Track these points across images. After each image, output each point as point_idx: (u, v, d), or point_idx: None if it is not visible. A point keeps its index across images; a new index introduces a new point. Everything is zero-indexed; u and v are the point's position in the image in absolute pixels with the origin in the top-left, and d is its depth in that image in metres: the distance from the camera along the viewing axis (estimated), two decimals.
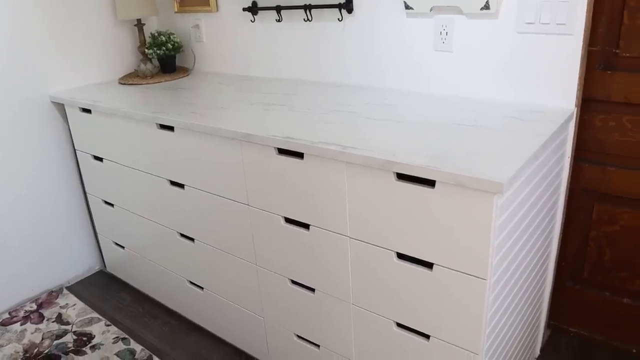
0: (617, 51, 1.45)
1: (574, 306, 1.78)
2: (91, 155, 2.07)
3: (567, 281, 1.76)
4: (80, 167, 2.19)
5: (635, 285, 1.65)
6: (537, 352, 1.75)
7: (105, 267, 2.41)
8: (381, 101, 1.60)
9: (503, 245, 1.14)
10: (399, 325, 1.31)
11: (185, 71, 2.28)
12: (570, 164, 1.54)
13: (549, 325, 1.83)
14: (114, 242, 2.22)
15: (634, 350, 1.71)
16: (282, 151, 1.36)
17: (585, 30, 1.37)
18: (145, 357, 1.85)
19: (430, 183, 1.11)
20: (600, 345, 1.76)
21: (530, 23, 1.43)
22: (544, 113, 1.40)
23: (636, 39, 1.41)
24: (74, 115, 2.05)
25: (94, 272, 2.40)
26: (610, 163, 1.56)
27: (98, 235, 2.32)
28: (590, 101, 1.52)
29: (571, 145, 1.51)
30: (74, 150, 2.19)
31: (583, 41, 1.38)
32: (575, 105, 1.44)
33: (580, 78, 1.42)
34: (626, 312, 1.68)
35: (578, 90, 1.43)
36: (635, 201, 1.55)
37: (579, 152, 1.58)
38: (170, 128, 1.64)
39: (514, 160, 1.09)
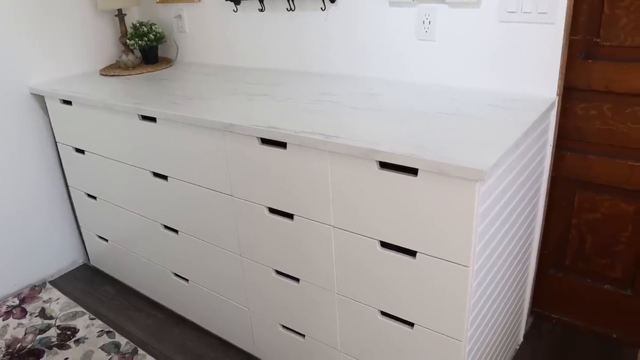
0: (597, 40, 1.46)
1: (556, 293, 1.81)
2: (72, 147, 2.04)
3: (550, 268, 1.79)
4: (62, 159, 2.16)
5: (615, 271, 1.67)
6: (521, 338, 1.77)
7: (89, 260, 2.39)
8: (365, 90, 1.60)
9: (485, 232, 1.14)
10: (383, 313, 1.31)
11: (167, 62, 2.26)
12: (552, 152, 1.55)
13: (531, 312, 1.85)
14: (97, 235, 2.20)
15: (615, 336, 1.74)
16: (265, 141, 1.35)
17: (566, 19, 1.38)
18: (130, 350, 1.84)
19: (413, 171, 1.11)
20: (582, 331, 1.79)
21: (512, 12, 1.44)
22: (526, 102, 1.41)
23: (616, 28, 1.42)
24: (54, 107, 2.02)
25: (77, 265, 2.37)
26: (592, 151, 1.58)
27: (81, 228, 2.30)
28: (571, 90, 1.53)
29: (553, 133, 1.52)
30: (55, 142, 2.16)
31: (564, 30, 1.39)
32: (557, 94, 1.45)
33: (561, 67, 1.43)
34: (607, 299, 1.71)
35: (560, 79, 1.43)
36: (616, 189, 1.57)
37: (560, 140, 1.60)
38: (152, 119, 1.62)
39: (495, 148, 1.09)
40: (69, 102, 1.92)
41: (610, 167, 1.56)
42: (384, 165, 1.15)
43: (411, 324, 1.27)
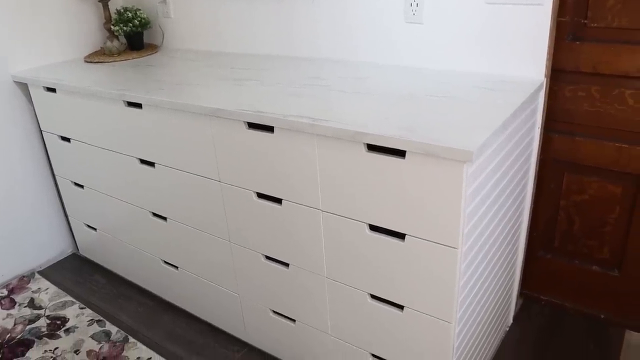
0: (585, 22, 1.46)
1: (545, 275, 1.82)
2: (58, 135, 2.01)
3: (539, 250, 1.80)
4: (48, 148, 2.13)
5: (603, 253, 1.68)
6: (510, 320, 1.78)
7: (77, 250, 2.37)
8: (353, 74, 1.59)
9: (474, 214, 1.14)
10: (373, 297, 1.32)
11: (153, 48, 2.23)
12: (540, 134, 1.55)
13: (521, 294, 1.87)
14: (85, 224, 2.18)
15: (602, 316, 1.76)
16: (252, 126, 1.34)
17: (554, 1, 1.37)
18: (121, 339, 1.83)
19: (401, 153, 1.10)
20: (571, 312, 1.80)
21: None
22: (514, 83, 1.40)
23: (604, 10, 1.42)
24: (38, 95, 1.98)
25: (66, 255, 2.36)
26: (580, 133, 1.58)
27: (69, 217, 2.27)
28: (560, 72, 1.53)
29: (541, 115, 1.52)
30: (40, 131, 2.13)
31: (552, 12, 1.38)
32: (545, 76, 1.45)
33: (549, 48, 1.42)
34: (595, 280, 1.73)
35: (547, 60, 1.43)
36: (604, 171, 1.58)
37: (549, 122, 1.60)
38: (138, 105, 1.60)
39: (483, 129, 1.09)
40: (53, 90, 1.89)
41: (598, 149, 1.57)
42: (371, 147, 1.15)
43: (401, 307, 1.27)
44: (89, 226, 2.17)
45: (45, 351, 1.79)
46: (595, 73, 1.49)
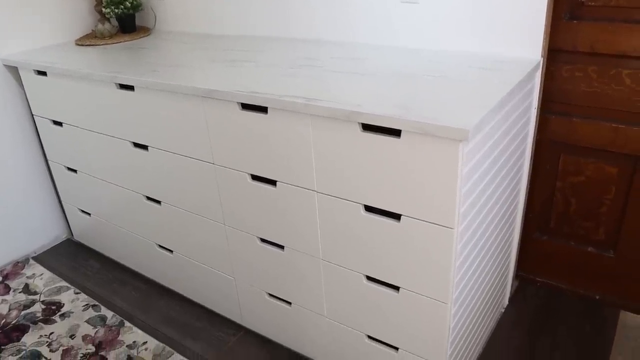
0: (582, 0, 1.44)
1: (541, 256, 1.82)
2: (50, 120, 1.99)
3: (534, 232, 1.80)
4: (39, 132, 2.10)
5: (599, 234, 1.68)
6: (506, 302, 1.79)
7: (72, 235, 2.35)
8: (348, 55, 1.57)
9: (470, 193, 1.14)
10: (369, 278, 1.31)
11: (146, 31, 2.19)
12: (537, 115, 1.54)
13: (516, 276, 1.87)
14: (79, 209, 2.16)
15: (598, 297, 1.76)
16: (245, 107, 1.32)
17: None
18: (116, 323, 1.83)
19: (396, 133, 1.09)
20: (566, 294, 1.81)
21: None
22: (511, 63, 1.39)
23: None
24: (28, 78, 1.96)
25: (60, 241, 2.34)
26: (576, 114, 1.57)
27: (63, 203, 2.26)
28: (557, 52, 1.51)
29: (538, 96, 1.51)
30: (32, 115, 2.10)
31: None
32: (542, 56, 1.43)
33: (546, 28, 1.40)
34: (590, 261, 1.73)
35: (544, 40, 1.41)
36: (600, 152, 1.57)
37: (545, 103, 1.59)
38: (131, 88, 1.58)
39: (479, 108, 1.08)
40: (43, 73, 1.86)
41: (595, 130, 1.56)
42: (367, 127, 1.13)
43: (397, 288, 1.27)
44: (83, 211, 2.15)
45: (41, 336, 1.79)
46: (592, 53, 1.47)
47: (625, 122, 1.50)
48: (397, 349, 1.35)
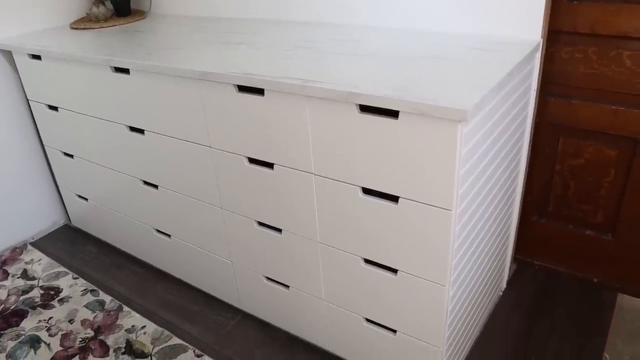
0: None
1: (539, 240, 1.82)
2: (45, 104, 1.97)
3: (533, 215, 1.79)
4: (35, 117, 2.08)
5: (597, 217, 1.68)
6: (504, 285, 1.79)
7: (69, 221, 2.35)
8: (347, 37, 1.55)
9: (469, 175, 1.13)
10: (367, 261, 1.31)
11: (141, 14, 2.17)
12: (536, 97, 1.53)
13: (515, 259, 1.87)
14: (76, 194, 2.15)
15: (595, 280, 1.76)
16: (242, 89, 1.31)
17: None
18: (115, 307, 1.83)
19: (394, 114, 1.08)
20: (564, 277, 1.81)
21: None
22: (510, 45, 1.37)
23: None
24: (23, 62, 1.93)
25: (58, 226, 2.34)
26: (576, 96, 1.56)
27: (60, 188, 2.25)
28: (556, 33, 1.50)
29: (537, 78, 1.49)
30: (27, 100, 2.08)
31: None
32: (541, 37, 1.41)
33: (546, 8, 1.39)
34: (589, 244, 1.73)
35: (544, 21, 1.39)
36: (600, 134, 1.56)
37: (545, 85, 1.57)
38: (126, 71, 1.56)
39: (478, 89, 1.07)
40: (38, 57, 1.84)
41: (595, 112, 1.54)
42: (364, 109, 1.12)
43: (394, 271, 1.26)
44: (80, 196, 2.15)
45: (40, 321, 1.79)
46: (592, 34, 1.46)
47: (625, 104, 1.49)
48: (395, 331, 1.36)
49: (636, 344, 1.54)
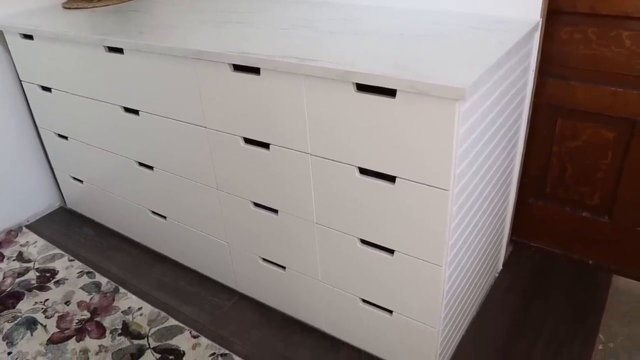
0: None
1: (535, 222, 1.82)
2: (38, 85, 1.94)
3: (530, 197, 1.79)
4: (28, 98, 2.06)
5: (594, 199, 1.68)
6: (500, 266, 1.79)
7: (65, 203, 2.34)
8: (345, 16, 1.53)
9: (466, 155, 1.12)
10: (363, 241, 1.30)
11: None
12: (534, 77, 1.51)
13: (511, 241, 1.87)
14: (71, 176, 2.14)
15: (591, 262, 1.77)
16: (237, 68, 1.29)
17: None
18: (111, 289, 1.83)
19: (392, 93, 1.07)
20: (560, 259, 1.82)
21: None
22: (509, 24, 1.35)
23: None
24: (15, 42, 1.90)
25: (54, 209, 2.33)
26: (575, 77, 1.54)
27: (54, 170, 2.23)
28: (556, 13, 1.48)
29: (536, 58, 1.48)
30: (20, 81, 2.06)
31: None
32: (541, 16, 1.39)
33: None
34: (585, 226, 1.73)
35: (543, 0, 1.38)
36: (598, 116, 1.55)
37: (543, 65, 1.56)
38: (120, 51, 1.54)
39: (476, 67, 1.05)
40: (30, 37, 1.81)
41: (593, 94, 1.53)
42: (361, 88, 1.11)
43: (391, 251, 1.26)
44: (75, 178, 2.13)
45: (36, 303, 1.79)
46: (593, 14, 1.44)
47: (624, 85, 1.48)
48: (391, 312, 1.36)
49: (630, 326, 1.55)
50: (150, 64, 1.47)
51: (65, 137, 2.00)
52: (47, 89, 1.92)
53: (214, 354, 1.54)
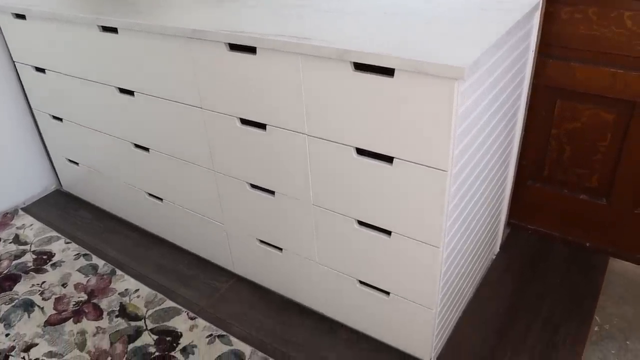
0: None
1: (533, 204, 1.82)
2: (32, 66, 1.92)
3: (528, 179, 1.78)
4: (22, 80, 2.04)
5: (592, 181, 1.67)
6: (497, 248, 1.80)
7: (61, 185, 2.33)
8: None
9: (465, 136, 1.11)
10: (360, 223, 1.30)
11: None
12: (534, 58, 1.49)
13: (508, 223, 1.87)
14: (67, 159, 2.12)
15: (588, 244, 1.77)
16: (233, 47, 1.27)
17: None
18: (108, 272, 1.82)
19: (390, 72, 1.05)
20: (557, 241, 1.82)
21: None
22: (510, 3, 1.33)
23: None
24: (7, 22, 1.87)
25: (50, 191, 2.31)
26: (575, 58, 1.53)
27: (50, 153, 2.21)
28: None
29: (536, 38, 1.46)
30: (13, 62, 2.03)
31: None
32: None
33: None
34: (582, 208, 1.73)
35: None
36: (598, 97, 1.54)
37: (543, 46, 1.54)
38: (114, 30, 1.51)
39: (476, 47, 1.04)
40: (22, 17, 1.78)
41: (593, 75, 1.52)
42: (358, 67, 1.09)
43: (388, 233, 1.26)
44: (70, 161, 2.12)
45: (33, 285, 1.79)
46: None
47: (624, 66, 1.47)
48: (388, 293, 1.36)
49: (626, 308, 1.56)
50: (145, 43, 1.44)
51: (60, 119, 1.98)
52: (41, 69, 1.89)
53: (211, 335, 1.54)
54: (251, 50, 1.24)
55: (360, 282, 1.41)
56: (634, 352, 1.42)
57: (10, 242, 2.01)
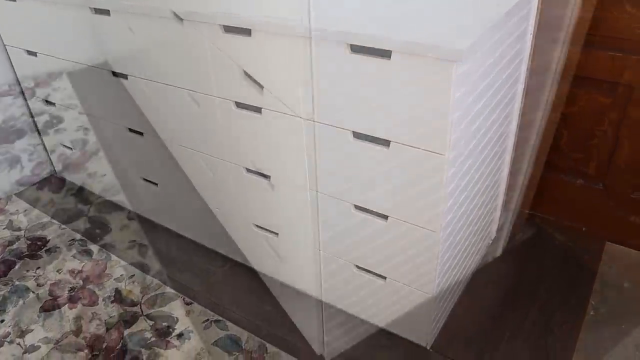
0: None
1: (529, 189, 1.81)
2: (24, 50, 1.89)
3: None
4: (13, 63, 2.00)
5: (589, 167, 1.67)
6: (494, 233, 1.79)
7: (55, 171, 2.30)
8: None
9: (462, 119, 1.10)
10: (357, 207, 1.29)
11: None
12: (532, 42, 1.48)
13: (505, 208, 1.87)
14: (61, 144, 2.10)
15: (584, 229, 1.77)
16: (228, 29, 1.25)
17: None
18: (103, 257, 1.82)
19: (387, 54, 1.04)
20: (553, 226, 1.82)
21: None
22: None
23: None
24: None
25: (43, 177, 2.29)
26: (574, 41, 1.51)
27: (43, 138, 2.19)
28: None
29: (534, 22, 1.44)
30: (4, 45, 2.00)
31: None
32: None
33: None
34: (579, 193, 1.73)
35: None
36: (596, 81, 1.53)
37: (542, 29, 1.52)
38: (106, 12, 1.49)
39: (474, 29, 1.02)
40: None
41: (592, 59, 1.51)
42: (355, 49, 1.08)
43: (385, 217, 1.25)
44: (65, 146, 2.10)
45: (27, 270, 1.78)
46: None
47: (623, 50, 1.46)
48: (385, 278, 1.36)
49: (622, 292, 1.56)
50: (139, 25, 1.42)
51: (53, 104, 1.96)
52: (32, 53, 1.86)
53: (207, 320, 1.54)
54: (246, 32, 1.21)
55: (357, 266, 1.40)
56: (629, 335, 1.43)
57: (4, 228, 2.00)
